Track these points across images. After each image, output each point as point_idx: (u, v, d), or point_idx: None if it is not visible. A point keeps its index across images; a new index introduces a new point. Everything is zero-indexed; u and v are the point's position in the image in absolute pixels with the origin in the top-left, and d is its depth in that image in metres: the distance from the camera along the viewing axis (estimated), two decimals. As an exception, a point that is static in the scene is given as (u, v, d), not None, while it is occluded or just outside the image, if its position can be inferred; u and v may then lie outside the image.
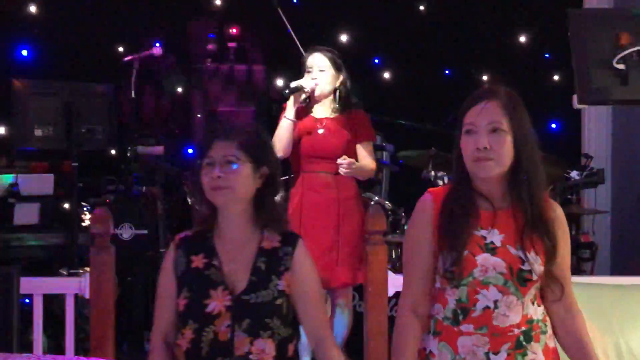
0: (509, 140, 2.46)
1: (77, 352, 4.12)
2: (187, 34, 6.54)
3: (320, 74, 4.38)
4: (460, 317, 2.50)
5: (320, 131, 4.40)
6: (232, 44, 6.32)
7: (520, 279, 2.47)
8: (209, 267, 2.55)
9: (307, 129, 4.40)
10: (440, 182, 5.10)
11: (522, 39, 7.18)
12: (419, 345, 2.60)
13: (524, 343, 2.50)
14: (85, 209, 5.38)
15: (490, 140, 2.45)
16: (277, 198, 2.64)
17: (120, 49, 6.60)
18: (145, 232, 5.13)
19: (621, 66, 4.08)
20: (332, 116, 4.44)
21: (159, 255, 5.46)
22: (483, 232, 2.50)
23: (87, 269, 5.19)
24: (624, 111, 6.63)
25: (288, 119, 4.32)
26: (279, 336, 2.54)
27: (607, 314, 3.50)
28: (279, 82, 6.57)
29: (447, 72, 7.15)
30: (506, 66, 6.95)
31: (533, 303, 2.53)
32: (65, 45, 6.51)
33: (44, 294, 3.93)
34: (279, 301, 2.54)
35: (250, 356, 2.50)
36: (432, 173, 5.15)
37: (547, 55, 7.23)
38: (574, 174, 5.45)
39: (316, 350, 2.64)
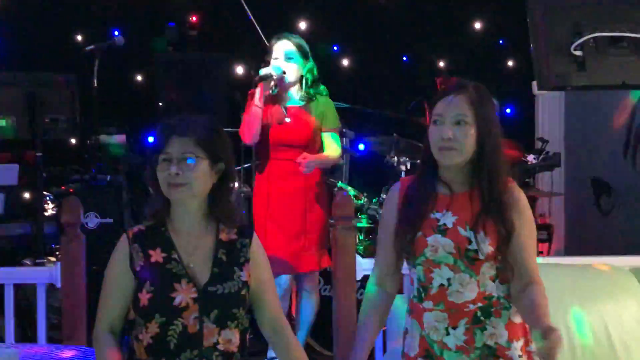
0: (472, 132, 2.64)
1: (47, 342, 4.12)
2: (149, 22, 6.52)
3: (288, 61, 4.42)
4: (422, 295, 2.70)
5: (288, 119, 4.45)
6: (192, 32, 6.32)
7: (467, 258, 2.64)
8: (169, 260, 2.54)
9: (274, 116, 4.44)
10: (403, 168, 5.19)
11: (477, 25, 7.29)
12: (383, 317, 2.80)
13: (481, 318, 2.66)
14: (48, 198, 5.37)
15: (454, 131, 2.63)
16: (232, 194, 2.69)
17: (79, 37, 6.57)
18: (111, 220, 5.13)
19: (579, 53, 4.21)
20: (299, 104, 4.49)
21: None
22: (438, 215, 2.69)
23: (52, 258, 5.24)
24: (576, 96, 6.80)
25: (257, 106, 4.35)
26: (242, 326, 2.59)
27: (566, 293, 3.62)
28: (239, 70, 6.61)
29: (404, 58, 7.24)
30: (462, 52, 7.08)
31: (493, 281, 2.68)
32: (25, 35, 6.46)
33: (14, 283, 3.93)
34: (243, 292, 2.58)
35: (218, 346, 2.53)
36: (395, 159, 5.24)
37: (501, 41, 7.36)
38: (531, 158, 5.59)
39: (274, 338, 2.69)
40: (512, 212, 2.67)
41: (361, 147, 6.93)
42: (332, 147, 4.51)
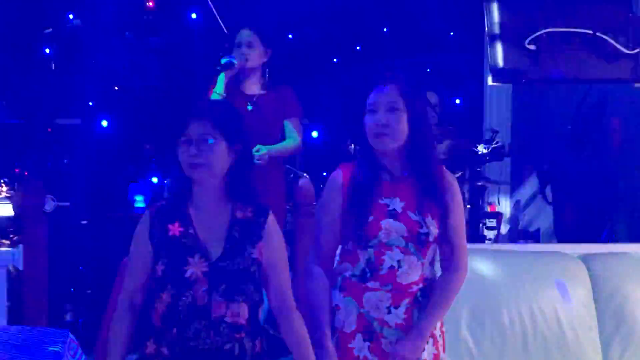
0: (404, 118, 2.82)
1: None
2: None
3: (249, 49, 4.47)
4: (368, 275, 2.84)
5: (250, 107, 4.51)
6: (148, 17, 6.31)
7: (419, 241, 2.83)
8: (186, 235, 2.67)
9: (236, 105, 4.47)
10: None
11: (427, 17, 7.43)
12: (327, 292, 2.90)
13: (420, 299, 2.85)
14: (2, 181, 5.33)
15: (387, 118, 2.81)
16: None
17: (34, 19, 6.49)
18: (67, 204, 5.13)
19: (532, 47, 4.36)
20: (260, 92, 4.54)
21: (82, 227, 5.51)
22: (386, 200, 2.85)
23: (6, 241, 5.22)
24: (525, 87, 6.97)
25: (218, 94, 4.39)
26: (252, 300, 2.69)
27: (515, 279, 3.74)
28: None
29: (357, 48, 7.34)
30: (413, 44, 7.20)
31: (431, 264, 2.90)
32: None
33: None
34: (253, 268, 2.69)
35: (225, 319, 2.64)
36: (353, 146, 5.33)
37: (451, 33, 7.50)
38: (481, 147, 5.74)
39: (278, 315, 2.78)
40: (447, 195, 2.87)
41: (314, 134, 7.03)
42: (292, 136, 4.57)
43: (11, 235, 5.42)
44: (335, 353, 2.82)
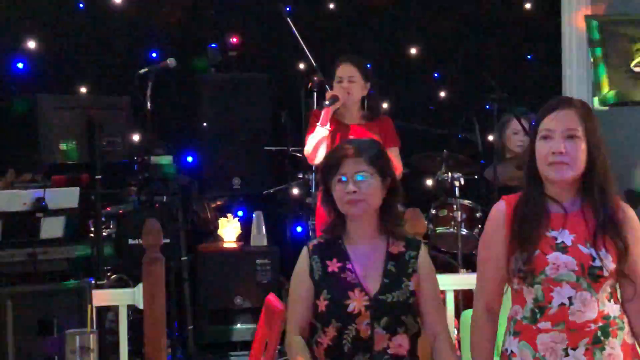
0: (583, 146, 2.64)
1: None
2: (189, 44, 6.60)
3: (351, 83, 4.53)
4: (538, 315, 2.65)
5: (351, 137, 4.54)
6: (233, 53, 6.40)
7: (591, 275, 2.62)
8: (344, 270, 2.77)
9: (338, 135, 4.54)
10: (457, 184, 5.27)
11: (506, 41, 7.42)
12: (494, 340, 2.78)
13: (601, 338, 2.63)
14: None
15: (566, 145, 2.62)
16: None
17: (118, 59, 6.64)
18: (168, 241, 5.18)
19: (638, 69, 4.33)
20: (361, 122, 4.61)
21: (182, 264, 5.55)
22: (554, 233, 2.67)
23: (115, 276, 5.30)
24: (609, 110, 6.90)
25: (325, 129, 4.47)
26: (411, 331, 2.77)
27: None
28: (277, 90, 6.68)
29: (435, 75, 7.34)
30: (492, 67, 7.17)
31: (609, 300, 2.67)
32: (70, 57, 6.54)
33: (96, 305, 3.97)
34: (411, 300, 2.78)
35: (388, 351, 2.73)
36: (449, 174, 5.31)
37: (529, 57, 7.48)
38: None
39: (433, 344, 2.84)
40: (626, 228, 2.67)
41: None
42: (394, 164, 4.60)
43: (108, 274, 5.53)
44: None
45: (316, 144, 4.49)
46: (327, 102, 4.50)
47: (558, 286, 2.63)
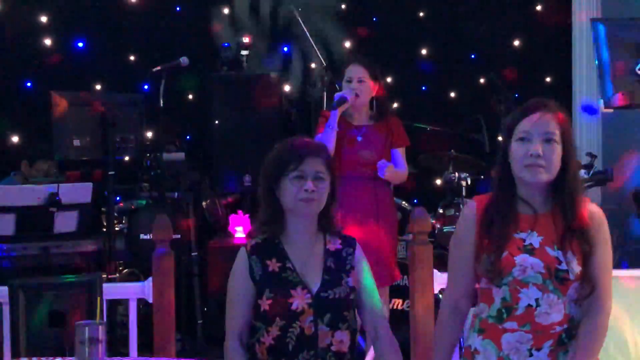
0: (559, 150, 2.65)
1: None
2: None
3: (360, 84, 4.58)
4: (504, 315, 2.66)
5: (359, 138, 4.60)
6: (245, 52, 6.47)
7: (558, 278, 2.62)
8: (284, 270, 2.80)
9: (346, 136, 4.59)
10: (464, 183, 5.33)
11: (516, 42, 7.46)
12: (458, 339, 2.84)
13: (565, 340, 2.64)
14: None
15: (543, 148, 2.63)
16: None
17: (132, 57, 6.74)
18: (179, 236, 5.27)
19: (643, 72, 4.38)
20: (369, 123, 4.64)
21: (192, 260, 5.63)
22: (522, 235, 2.67)
23: (126, 270, 5.39)
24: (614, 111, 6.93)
25: (333, 129, 4.51)
26: (352, 327, 2.82)
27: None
28: (287, 88, 6.77)
29: (447, 75, 7.39)
30: (502, 69, 7.23)
31: (575, 303, 2.66)
32: (84, 56, 6.65)
33: (107, 299, 4.06)
34: (351, 296, 2.82)
35: (332, 347, 2.76)
36: (456, 174, 5.37)
37: (539, 58, 7.51)
38: (582, 173, 5.70)
39: (373, 337, 2.89)
40: (593, 231, 2.66)
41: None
42: (401, 164, 4.66)
43: (120, 268, 5.63)
44: None
45: (325, 144, 4.53)
46: (334, 103, 4.53)
47: (525, 288, 2.63)
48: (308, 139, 2.98)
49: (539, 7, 7.44)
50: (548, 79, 7.49)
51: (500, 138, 6.04)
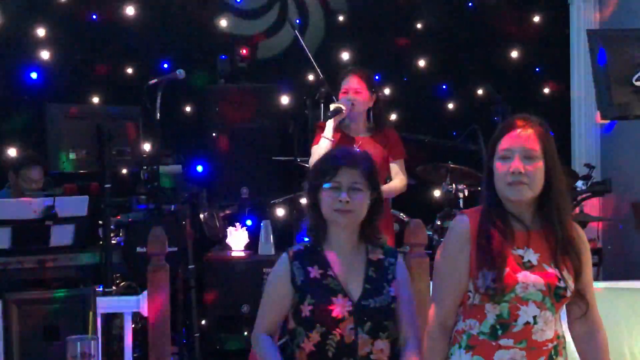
0: (541, 166, 2.63)
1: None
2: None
3: (356, 95, 4.58)
4: (499, 332, 2.64)
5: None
6: (242, 64, 6.48)
7: (556, 295, 2.64)
8: (326, 277, 2.83)
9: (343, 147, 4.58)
10: (461, 195, 5.32)
11: (514, 54, 7.46)
12: (446, 357, 2.74)
13: (554, 357, 2.67)
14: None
15: (524, 165, 2.61)
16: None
17: (129, 70, 6.73)
18: (175, 249, 5.25)
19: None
20: (366, 135, 4.65)
21: (189, 272, 5.60)
22: (520, 252, 2.66)
23: (123, 284, 5.36)
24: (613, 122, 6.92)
25: (328, 139, 4.51)
26: (392, 337, 2.83)
27: (628, 317, 3.75)
28: (288, 100, 6.76)
29: (444, 87, 7.39)
30: (500, 80, 7.23)
31: (560, 319, 2.71)
32: (78, 68, 6.65)
33: (102, 313, 4.04)
34: (392, 305, 2.84)
35: (371, 356, 2.78)
36: (453, 186, 5.36)
37: (537, 69, 7.51)
38: (579, 184, 5.72)
39: (403, 348, 2.86)
40: (580, 249, 2.68)
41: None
42: (399, 176, 4.66)
43: (117, 281, 5.60)
44: None
45: (319, 154, 4.52)
46: (330, 113, 4.54)
47: (524, 305, 2.62)
48: (351, 148, 3.01)
49: (536, 18, 7.44)
50: (546, 90, 7.50)
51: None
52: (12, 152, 6.61)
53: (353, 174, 2.83)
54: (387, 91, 7.03)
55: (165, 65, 6.66)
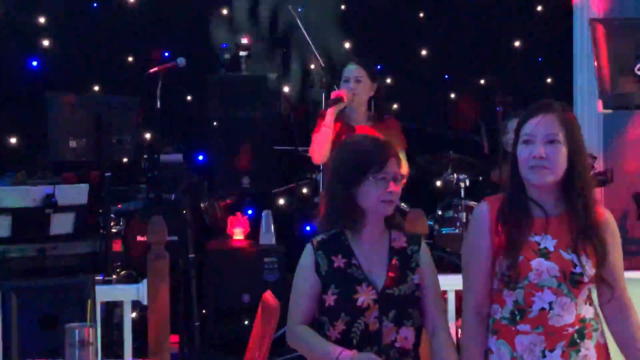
0: (563, 151, 2.66)
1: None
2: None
3: (357, 84, 4.56)
4: (518, 318, 2.69)
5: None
6: (243, 53, 6.45)
7: (572, 281, 2.66)
8: (350, 266, 2.83)
9: (344, 136, 4.56)
10: (462, 185, 5.30)
11: (517, 43, 7.43)
12: (484, 345, 2.76)
13: (577, 341, 2.69)
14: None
15: (546, 150, 2.65)
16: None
17: (130, 58, 6.72)
18: (175, 238, 5.24)
19: (642, 73, 4.35)
20: (367, 124, 4.63)
21: (190, 261, 5.60)
22: (537, 238, 2.69)
23: (123, 272, 5.36)
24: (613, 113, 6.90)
25: (327, 127, 4.50)
26: (417, 324, 2.84)
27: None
28: (286, 89, 6.74)
29: (446, 77, 7.37)
30: (503, 70, 7.22)
31: (586, 303, 2.72)
32: (80, 57, 6.64)
33: (102, 301, 4.04)
34: (417, 293, 2.85)
35: (396, 344, 2.80)
36: (455, 176, 5.34)
37: (540, 59, 7.49)
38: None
39: (431, 335, 2.89)
40: (606, 233, 2.70)
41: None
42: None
43: (118, 270, 5.60)
44: None
45: (321, 142, 4.53)
46: (330, 101, 4.53)
47: (539, 291, 2.67)
48: (380, 138, 3.01)
49: (539, 8, 7.41)
50: (549, 80, 7.47)
51: (502, 138, 6.08)
52: (12, 140, 6.61)
53: (396, 165, 2.88)
54: (388, 80, 7.00)
55: (166, 54, 6.63)
